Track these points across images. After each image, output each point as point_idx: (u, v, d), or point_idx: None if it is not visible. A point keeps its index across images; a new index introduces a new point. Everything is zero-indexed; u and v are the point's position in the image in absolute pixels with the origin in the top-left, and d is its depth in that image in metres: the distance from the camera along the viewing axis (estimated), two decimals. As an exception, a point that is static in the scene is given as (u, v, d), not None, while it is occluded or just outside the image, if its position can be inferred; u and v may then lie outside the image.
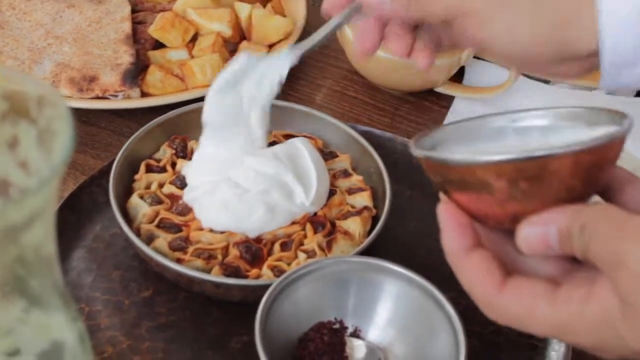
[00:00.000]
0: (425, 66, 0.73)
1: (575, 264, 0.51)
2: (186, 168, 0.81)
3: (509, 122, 0.57)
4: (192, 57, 1.02)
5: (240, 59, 0.77)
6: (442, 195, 0.54)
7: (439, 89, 1.06)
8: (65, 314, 0.46)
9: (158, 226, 0.76)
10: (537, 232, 0.48)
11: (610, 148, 0.48)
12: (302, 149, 0.82)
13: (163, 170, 0.83)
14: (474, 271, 0.50)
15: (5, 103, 0.40)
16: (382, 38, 0.73)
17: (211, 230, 0.76)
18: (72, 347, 0.46)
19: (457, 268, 0.52)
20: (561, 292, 0.48)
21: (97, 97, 0.94)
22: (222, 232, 0.76)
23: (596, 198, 0.52)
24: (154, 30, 1.02)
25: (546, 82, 1.09)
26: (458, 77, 1.08)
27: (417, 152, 0.52)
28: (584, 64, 0.66)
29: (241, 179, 0.78)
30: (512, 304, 0.49)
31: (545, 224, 0.48)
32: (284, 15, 1.11)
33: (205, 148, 0.81)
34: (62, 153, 0.35)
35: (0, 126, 0.40)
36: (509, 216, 0.49)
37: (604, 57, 0.63)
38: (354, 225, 0.78)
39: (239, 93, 0.77)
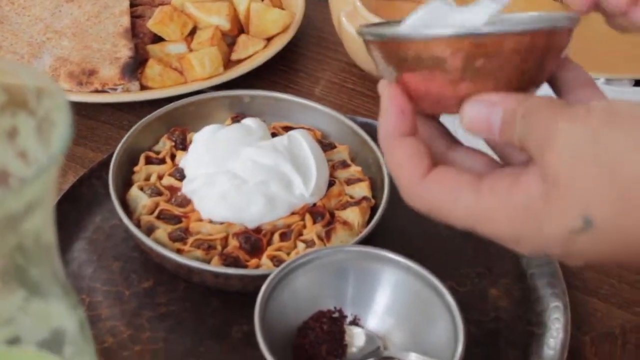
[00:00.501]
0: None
1: (499, 166, 0.51)
2: (184, 160, 0.82)
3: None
4: (191, 50, 1.02)
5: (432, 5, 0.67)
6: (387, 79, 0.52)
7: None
8: (65, 302, 0.46)
9: (158, 217, 0.77)
10: (482, 111, 0.48)
11: (564, 34, 0.48)
12: (301, 141, 0.82)
13: (162, 162, 0.83)
14: (403, 155, 0.50)
15: (4, 94, 0.41)
16: None
17: (210, 221, 0.77)
18: (73, 335, 0.46)
19: (388, 151, 0.51)
20: (485, 182, 0.48)
21: (97, 91, 0.95)
22: (221, 223, 0.76)
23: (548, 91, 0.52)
24: (153, 24, 1.02)
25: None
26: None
27: (371, 32, 0.51)
28: None
29: (240, 170, 0.78)
30: (435, 191, 0.49)
31: (492, 105, 0.47)
32: (282, 8, 1.12)
33: (202, 141, 0.82)
34: (61, 142, 0.35)
35: (0, 117, 0.41)
36: (458, 98, 0.48)
37: None
38: (352, 215, 0.79)
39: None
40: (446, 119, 0.54)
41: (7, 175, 0.43)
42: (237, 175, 0.78)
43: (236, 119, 0.89)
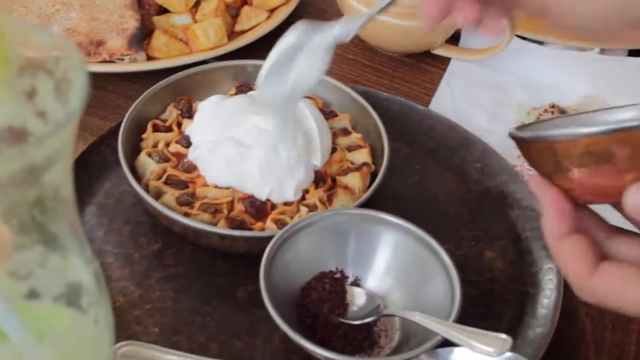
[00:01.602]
0: (497, 32, 0.71)
1: None
2: (190, 128, 0.84)
3: (599, 116, 0.59)
4: (196, 21, 1.04)
5: (296, 31, 0.74)
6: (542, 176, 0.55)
7: (436, 51, 1.09)
8: (81, 255, 0.48)
9: (165, 183, 0.79)
10: None
11: None
12: (304, 109, 0.84)
13: (169, 129, 0.85)
14: (568, 255, 0.52)
15: (24, 56, 0.43)
16: (449, 7, 0.69)
17: (216, 186, 0.79)
18: (89, 287, 0.49)
19: (553, 250, 0.54)
20: None
21: (104, 61, 0.97)
22: (227, 188, 0.79)
23: None
24: (159, -5, 1.04)
25: (540, 42, 1.11)
26: (454, 39, 1.11)
27: (534, 133, 0.54)
28: None
29: (244, 137, 0.80)
30: (602, 289, 0.51)
31: None
32: (285, -20, 1.14)
33: (208, 109, 0.84)
34: (79, 98, 0.38)
35: (20, 77, 0.43)
36: (622, 188, 0.50)
37: None
38: (353, 181, 0.81)
39: (290, 69, 0.76)
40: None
41: (27, 134, 0.45)
42: (241, 142, 0.80)
43: (240, 88, 0.91)
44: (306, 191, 0.80)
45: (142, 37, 0.99)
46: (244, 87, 0.91)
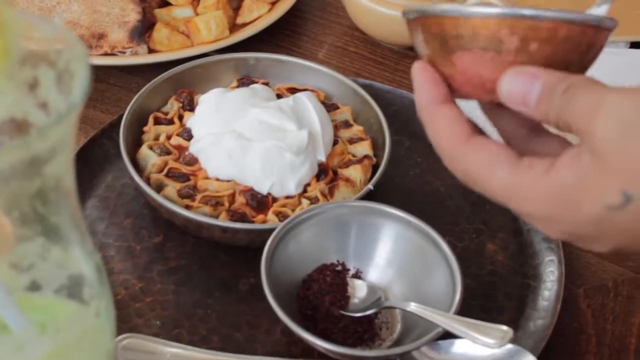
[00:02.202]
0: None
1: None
2: (191, 121, 0.84)
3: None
4: (197, 14, 1.04)
5: None
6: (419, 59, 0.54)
7: (438, 44, 1.09)
8: (83, 248, 0.48)
9: (167, 175, 0.79)
10: (522, 81, 0.48)
11: (606, 33, 0.50)
12: (306, 102, 0.84)
13: (170, 122, 0.86)
14: (442, 122, 0.51)
15: (26, 47, 0.43)
16: None
17: (217, 179, 0.79)
18: (90, 279, 0.49)
19: (427, 120, 0.52)
20: (523, 160, 0.48)
21: (106, 54, 0.97)
22: (228, 181, 0.79)
23: None
24: (160, -12, 1.04)
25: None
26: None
27: (423, 9, 0.51)
28: None
29: (245, 130, 0.80)
30: (473, 159, 0.49)
31: (532, 77, 0.48)
32: (286, -27, 1.13)
33: (209, 102, 0.84)
34: (81, 89, 0.38)
35: (21, 69, 0.43)
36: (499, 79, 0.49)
37: None
38: (355, 173, 0.81)
39: None
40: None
41: (28, 126, 0.45)
42: (242, 135, 0.80)
43: (242, 81, 0.91)
44: (307, 184, 0.80)
45: (144, 30, 0.99)
46: (246, 80, 0.91)
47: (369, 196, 0.78)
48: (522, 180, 0.48)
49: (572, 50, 0.49)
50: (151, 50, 1.00)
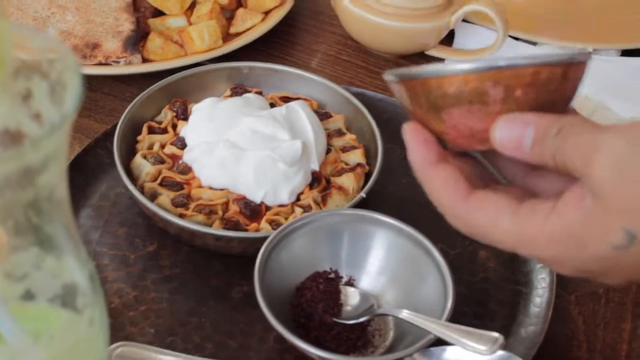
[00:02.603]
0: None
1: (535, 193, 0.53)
2: (185, 130, 0.85)
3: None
4: (191, 24, 1.05)
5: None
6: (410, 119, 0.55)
7: (430, 52, 1.09)
8: (76, 257, 0.48)
9: (161, 184, 0.80)
10: (514, 128, 0.49)
11: (584, 66, 0.51)
12: (299, 111, 0.85)
13: (164, 131, 0.86)
14: (441, 181, 0.52)
15: (19, 59, 0.43)
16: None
17: (211, 188, 0.80)
18: (84, 288, 0.49)
19: (425, 179, 0.53)
20: (524, 205, 0.49)
21: (100, 64, 0.98)
22: (221, 190, 0.79)
23: None
24: (153, -2, 1.05)
25: (533, 43, 1.12)
26: (448, 40, 1.11)
27: (401, 73, 0.53)
28: None
29: (239, 138, 0.81)
30: (476, 214, 0.50)
31: (524, 122, 0.49)
32: (279, -17, 1.14)
33: (202, 111, 0.85)
34: (74, 100, 0.38)
35: (15, 80, 0.44)
36: (488, 130, 0.50)
37: None
38: (348, 181, 0.82)
39: None
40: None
41: (22, 136, 0.46)
42: (235, 144, 0.80)
43: (235, 90, 0.91)
44: (300, 192, 0.80)
45: (138, 40, 1.00)
46: (239, 89, 0.91)
47: (361, 204, 0.78)
48: (527, 227, 0.49)
49: (556, 89, 0.50)
50: (145, 60, 1.01)
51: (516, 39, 1.11)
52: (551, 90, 0.50)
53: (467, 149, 0.54)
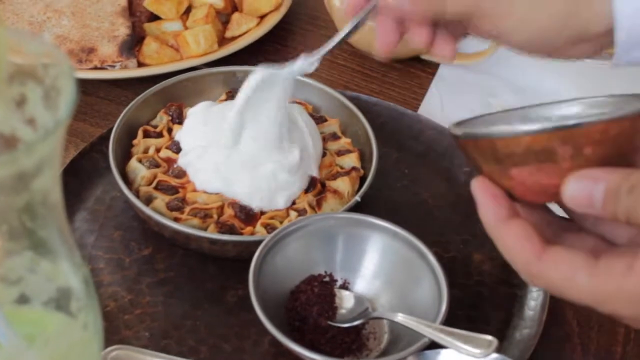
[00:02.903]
0: (450, 55, 0.74)
1: (611, 245, 0.53)
2: (180, 134, 0.85)
3: (542, 111, 0.59)
4: (186, 28, 1.05)
5: (256, 76, 0.78)
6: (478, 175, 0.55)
7: (425, 56, 1.10)
8: (70, 261, 0.48)
9: (156, 188, 0.80)
10: (584, 186, 0.49)
11: None
12: (295, 115, 0.85)
13: (160, 135, 0.86)
14: (513, 238, 0.51)
15: (14, 64, 0.44)
16: (402, 33, 0.73)
17: (206, 192, 0.80)
18: (78, 292, 0.49)
19: (496, 237, 0.53)
20: (601, 263, 0.49)
21: (96, 68, 0.98)
22: (216, 193, 0.80)
23: None
24: (149, 2, 1.05)
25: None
26: (443, 44, 1.12)
27: (468, 132, 0.53)
28: (594, 44, 0.69)
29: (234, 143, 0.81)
30: (551, 272, 0.50)
31: (594, 179, 0.48)
32: (274, -13, 1.14)
33: (197, 115, 0.85)
34: (67, 105, 0.39)
35: (9, 85, 0.44)
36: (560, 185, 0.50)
37: (618, 36, 0.66)
38: (343, 185, 0.82)
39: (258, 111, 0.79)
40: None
41: (16, 141, 0.46)
42: (230, 148, 0.80)
43: (231, 94, 0.92)
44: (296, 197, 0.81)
45: (133, 44, 1.00)
46: (234, 93, 0.91)
47: (356, 208, 0.79)
48: (606, 284, 0.49)
49: (625, 142, 0.50)
50: (140, 64, 1.01)
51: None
52: (621, 143, 0.50)
53: (536, 203, 0.54)
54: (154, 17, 1.07)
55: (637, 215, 0.47)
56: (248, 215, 0.78)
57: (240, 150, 0.80)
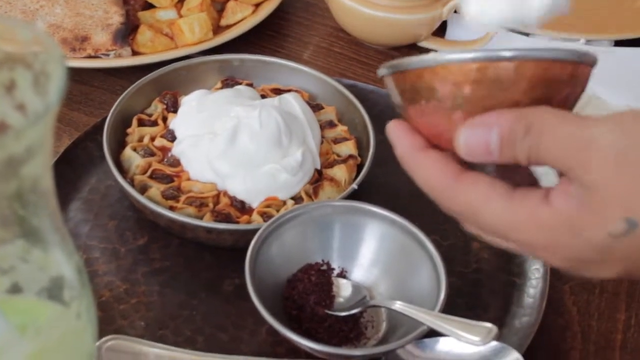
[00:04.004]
0: None
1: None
2: (174, 122, 0.84)
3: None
4: (181, 16, 1.04)
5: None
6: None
7: (422, 44, 1.09)
8: (63, 249, 0.48)
9: (151, 177, 0.79)
10: (477, 134, 0.47)
11: (559, 67, 0.47)
12: (292, 103, 0.84)
13: (154, 124, 0.85)
14: (430, 164, 0.50)
15: (3, 50, 0.43)
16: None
17: (200, 181, 0.79)
18: (71, 281, 0.49)
19: (412, 166, 0.51)
20: (517, 192, 0.47)
21: (89, 57, 0.97)
22: (211, 183, 0.79)
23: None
24: (143, -10, 1.04)
25: (526, 34, 1.11)
26: (440, 31, 1.11)
27: (383, 69, 0.51)
28: None
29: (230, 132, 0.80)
30: (467, 192, 0.48)
31: (486, 127, 0.46)
32: (270, -26, 1.13)
33: (191, 103, 0.84)
34: (57, 90, 0.38)
35: (-2, 71, 0.43)
36: (455, 130, 0.48)
37: None
38: (340, 173, 0.81)
39: None
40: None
41: (6, 127, 0.45)
42: (226, 139, 0.80)
43: (226, 82, 0.91)
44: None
45: (127, 33, 0.99)
46: (230, 81, 0.91)
47: (353, 196, 0.78)
48: (520, 211, 0.47)
49: (512, 87, 0.47)
50: (135, 53, 1.00)
51: (510, 30, 1.10)
52: (505, 88, 0.47)
53: (445, 149, 0.51)
54: (148, 5, 1.06)
55: (540, 154, 0.45)
56: (244, 204, 0.78)
57: (236, 148, 0.79)
